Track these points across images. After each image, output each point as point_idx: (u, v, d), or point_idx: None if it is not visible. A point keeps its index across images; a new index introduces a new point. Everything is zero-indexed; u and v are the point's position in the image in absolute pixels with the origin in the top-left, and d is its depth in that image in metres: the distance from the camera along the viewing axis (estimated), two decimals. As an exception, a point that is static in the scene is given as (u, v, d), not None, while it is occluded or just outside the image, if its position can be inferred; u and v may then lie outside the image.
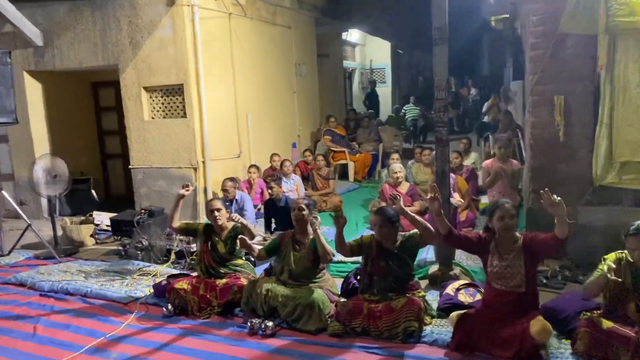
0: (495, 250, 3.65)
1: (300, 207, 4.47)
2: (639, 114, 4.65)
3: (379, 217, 4.04)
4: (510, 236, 3.62)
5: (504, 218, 3.60)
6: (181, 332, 4.21)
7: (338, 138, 10.51)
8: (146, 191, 7.86)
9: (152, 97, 7.77)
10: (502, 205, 3.64)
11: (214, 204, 4.83)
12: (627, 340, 3.19)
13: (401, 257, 4.05)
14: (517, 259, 3.57)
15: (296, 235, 4.53)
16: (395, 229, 4.06)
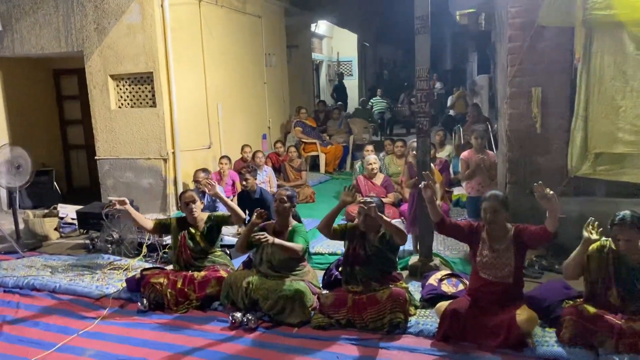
0: (486, 240, 3.65)
1: (282, 198, 4.37)
2: (613, 106, 4.73)
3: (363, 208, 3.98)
4: (499, 228, 3.61)
5: (486, 213, 3.60)
6: (159, 327, 4.07)
7: (309, 130, 10.42)
8: (113, 183, 7.60)
9: (119, 86, 7.50)
10: (485, 200, 3.64)
11: (188, 196, 4.67)
12: (611, 327, 3.24)
13: (382, 249, 4.01)
14: (507, 250, 3.58)
15: (276, 226, 4.43)
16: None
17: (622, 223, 3.30)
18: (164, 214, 7.24)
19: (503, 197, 3.65)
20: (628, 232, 3.28)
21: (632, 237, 3.28)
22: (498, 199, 3.61)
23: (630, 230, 3.27)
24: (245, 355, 3.60)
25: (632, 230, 3.28)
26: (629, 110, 4.70)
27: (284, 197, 4.36)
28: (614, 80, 4.71)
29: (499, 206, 3.58)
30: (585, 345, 3.30)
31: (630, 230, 3.27)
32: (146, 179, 7.47)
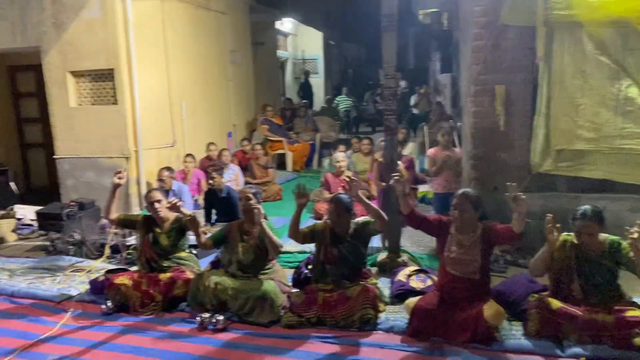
0: (455, 236, 3.68)
1: (247, 196, 4.32)
2: (574, 104, 4.86)
3: (336, 205, 3.98)
4: (467, 225, 3.65)
5: (455, 209, 3.64)
6: (124, 330, 3.97)
7: (275, 127, 10.37)
8: (73, 183, 7.37)
9: (79, 83, 7.28)
10: (456, 197, 3.68)
11: (153, 195, 4.56)
12: (575, 320, 3.32)
13: (354, 245, 4.02)
14: (475, 247, 3.62)
15: (244, 225, 4.37)
16: (350, 216, 4.02)
17: (583, 217, 3.39)
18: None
19: (474, 195, 3.69)
20: (589, 226, 3.38)
21: (593, 230, 3.38)
22: (468, 196, 3.64)
23: (592, 224, 3.37)
24: (214, 356, 3.54)
25: (594, 223, 3.37)
26: (588, 108, 4.83)
27: (249, 195, 4.31)
28: (574, 79, 4.84)
29: (468, 203, 3.61)
30: (551, 337, 3.37)
31: (592, 223, 3.37)
32: (108, 178, 7.19)
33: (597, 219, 3.40)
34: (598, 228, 3.40)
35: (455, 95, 12.20)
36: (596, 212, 3.42)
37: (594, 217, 3.39)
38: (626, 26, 4.61)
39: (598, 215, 3.41)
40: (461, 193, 3.69)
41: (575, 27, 4.77)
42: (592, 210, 3.41)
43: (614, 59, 4.70)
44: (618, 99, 4.73)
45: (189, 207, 6.57)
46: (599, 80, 4.75)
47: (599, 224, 3.40)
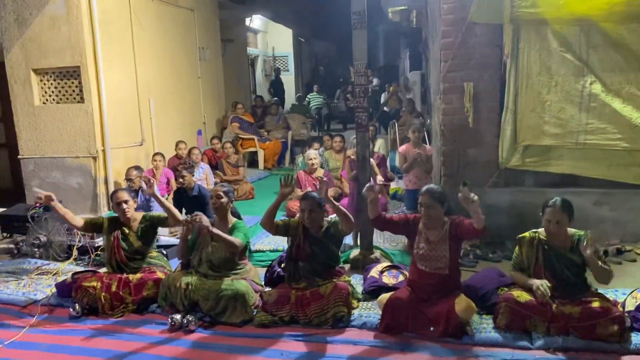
0: (423, 233, 3.71)
1: (218, 194, 4.27)
2: (540, 100, 4.96)
3: (308, 202, 3.97)
4: (434, 221, 3.68)
5: (421, 207, 3.67)
6: (93, 333, 3.87)
7: (246, 125, 10.29)
8: (39, 183, 7.17)
9: (43, 81, 7.09)
10: (421, 195, 3.69)
11: (120, 195, 4.46)
12: (544, 313, 3.38)
13: (325, 244, 4.01)
14: (443, 242, 3.65)
15: (215, 224, 4.32)
16: (322, 213, 4.01)
17: (553, 205, 3.48)
18: (94, 214, 6.93)
19: (438, 191, 3.69)
20: (559, 214, 3.45)
21: (562, 219, 3.45)
22: (433, 194, 3.65)
23: (561, 213, 3.44)
24: (186, 357, 3.49)
25: (563, 213, 3.44)
26: (553, 104, 4.94)
27: (220, 193, 4.26)
28: (540, 76, 4.94)
29: (433, 201, 3.62)
30: (520, 329, 3.43)
31: (561, 212, 3.44)
32: (75, 178, 7.12)
33: (567, 209, 3.47)
34: (567, 219, 3.46)
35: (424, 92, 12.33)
36: (567, 202, 3.50)
37: (563, 206, 3.47)
38: (589, 24, 4.73)
39: (568, 206, 3.48)
40: (425, 190, 3.70)
41: (540, 25, 4.87)
42: (562, 200, 3.50)
43: (578, 56, 4.82)
44: (582, 96, 4.85)
45: (158, 207, 6.46)
46: (564, 77, 4.87)
47: (568, 215, 3.46)
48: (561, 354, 3.23)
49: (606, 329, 3.23)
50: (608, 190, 5.01)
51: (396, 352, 3.38)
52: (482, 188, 5.22)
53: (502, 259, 4.86)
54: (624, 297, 3.66)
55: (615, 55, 4.75)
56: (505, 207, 5.22)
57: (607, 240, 4.93)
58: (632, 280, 4.15)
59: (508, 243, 5.06)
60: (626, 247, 4.82)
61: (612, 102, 4.77)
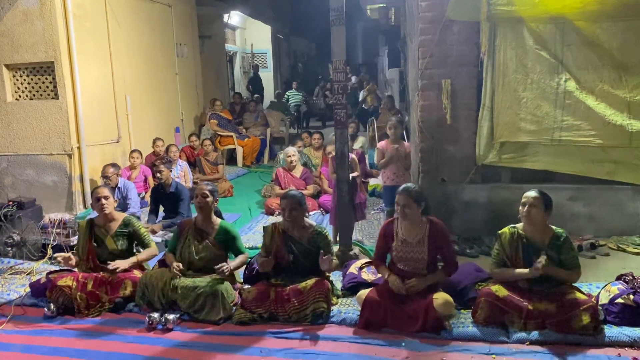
0: (400, 235, 3.73)
1: (204, 193, 4.21)
2: (516, 98, 5.01)
3: (288, 201, 3.94)
4: (411, 221, 3.69)
5: (398, 206, 3.69)
6: (69, 333, 3.81)
7: (225, 122, 10.21)
8: (12, 181, 7.04)
9: (15, 76, 6.94)
10: (398, 194, 3.71)
11: (100, 191, 4.38)
12: (520, 308, 3.43)
13: (308, 250, 3.97)
14: (421, 244, 3.66)
15: (198, 224, 4.26)
16: (303, 211, 4.00)
17: (529, 191, 3.56)
18: (69, 212, 6.82)
19: (415, 190, 3.69)
20: (534, 199, 3.50)
21: (536, 204, 3.50)
22: (409, 193, 3.66)
23: (536, 198, 3.50)
24: (165, 356, 3.44)
25: (539, 199, 3.50)
26: (529, 102, 4.99)
27: (206, 192, 4.21)
28: (516, 73, 4.99)
29: (409, 200, 3.64)
30: (498, 324, 3.47)
31: (537, 198, 3.50)
32: (49, 176, 6.99)
33: (544, 197, 3.52)
34: (542, 207, 3.50)
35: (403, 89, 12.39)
36: (543, 192, 3.55)
37: (541, 193, 3.52)
38: (564, 22, 4.80)
39: (545, 196, 3.53)
40: (402, 189, 3.71)
41: (516, 23, 4.92)
42: (538, 190, 3.57)
43: (553, 53, 4.88)
44: (557, 93, 4.91)
45: (136, 205, 6.40)
46: (540, 75, 4.93)
47: (544, 203, 3.51)
48: (538, 347, 3.27)
49: (580, 321, 3.28)
50: (582, 186, 5.10)
51: (375, 348, 3.39)
52: (460, 184, 5.28)
53: (480, 254, 4.90)
54: (597, 290, 3.73)
55: (589, 53, 4.82)
56: (483, 202, 5.28)
57: (581, 235, 5.01)
58: (605, 274, 4.23)
59: (485, 238, 5.12)
60: (599, 242, 4.91)
61: (586, 100, 4.84)
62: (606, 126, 4.79)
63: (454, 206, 5.31)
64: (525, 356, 3.20)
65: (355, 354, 3.33)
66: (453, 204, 5.30)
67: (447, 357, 3.24)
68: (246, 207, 7.16)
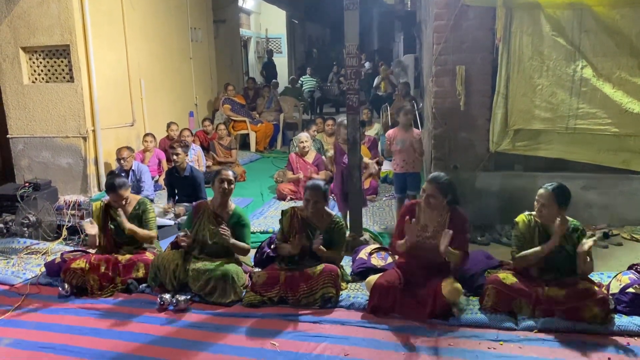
0: (421, 221, 3.72)
1: (230, 180, 4.20)
2: (531, 85, 4.95)
3: (314, 193, 3.96)
4: (435, 211, 3.68)
5: (423, 192, 3.68)
6: (82, 312, 3.89)
7: (238, 107, 10.22)
8: (28, 163, 7.14)
9: (32, 59, 7.00)
10: (427, 182, 3.69)
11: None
12: (529, 295, 3.42)
13: (325, 238, 3.98)
14: (441, 231, 3.64)
15: (215, 208, 4.28)
16: (327, 202, 4.04)
17: (544, 188, 3.52)
18: (84, 195, 6.90)
19: (444, 182, 3.64)
20: (546, 198, 3.47)
21: (548, 204, 3.47)
22: (438, 184, 3.63)
23: (548, 197, 3.46)
24: (176, 336, 3.51)
25: (551, 198, 3.46)
26: (545, 89, 4.93)
27: (232, 179, 4.22)
28: (532, 60, 4.92)
29: (435, 191, 3.62)
30: (506, 311, 3.47)
31: (550, 197, 3.46)
32: (64, 158, 7.08)
33: (558, 196, 3.47)
34: (555, 205, 3.46)
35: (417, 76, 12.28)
36: (559, 190, 3.48)
37: (554, 191, 3.47)
38: (582, 8, 4.71)
39: (559, 194, 3.47)
40: (431, 178, 3.69)
41: (533, 9, 4.85)
42: (557, 186, 3.50)
43: (570, 40, 4.80)
44: (574, 80, 4.84)
45: (149, 188, 6.47)
46: (556, 62, 4.85)
47: (557, 202, 3.46)
48: (546, 334, 3.27)
49: (590, 311, 3.27)
50: (596, 174, 5.05)
51: (383, 332, 3.41)
52: (473, 171, 5.25)
53: (491, 241, 4.90)
54: (609, 280, 3.71)
55: (607, 40, 4.73)
56: (495, 190, 5.25)
57: (595, 225, 4.98)
58: (617, 264, 4.20)
59: (497, 226, 5.10)
60: (613, 231, 4.88)
61: (602, 87, 4.77)
62: (623, 114, 4.72)
63: (466, 194, 5.27)
64: (534, 344, 3.21)
65: (362, 337, 3.36)
66: (465, 191, 5.26)
67: (455, 343, 3.26)
68: (258, 192, 7.20)
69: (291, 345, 3.30)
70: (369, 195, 6.27)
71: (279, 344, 3.32)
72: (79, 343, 3.44)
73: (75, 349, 3.37)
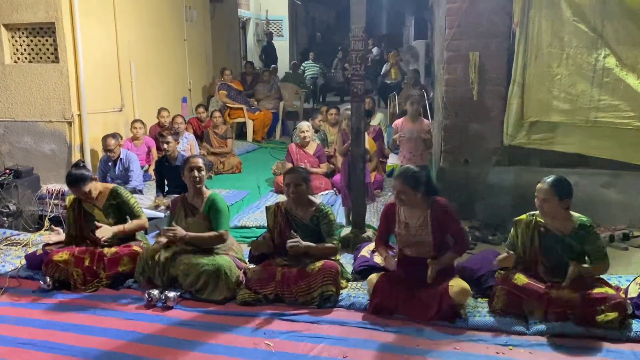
0: (401, 218, 3.77)
1: (199, 167, 4.25)
2: (550, 74, 4.96)
3: (292, 176, 4.00)
4: (408, 206, 3.72)
5: (393, 189, 3.74)
6: (64, 307, 3.94)
7: (235, 93, 10.24)
8: (9, 148, 7.17)
9: (14, 37, 7.02)
10: (394, 177, 3.77)
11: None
12: (541, 297, 3.45)
13: (312, 230, 4.03)
14: (424, 226, 3.69)
15: (188, 198, 4.33)
16: (308, 187, 4.05)
17: (542, 182, 3.54)
18: (69, 183, 6.93)
19: (412, 175, 3.66)
20: (545, 192, 3.48)
21: (548, 198, 3.48)
22: (405, 179, 3.65)
23: (547, 191, 3.47)
24: (164, 334, 3.54)
25: (550, 191, 3.46)
26: (564, 79, 4.94)
27: (202, 165, 4.27)
28: (551, 47, 4.93)
29: (403, 187, 3.63)
30: (516, 314, 3.50)
31: (549, 190, 3.47)
32: (48, 144, 7.10)
33: (557, 188, 3.46)
34: (556, 199, 3.47)
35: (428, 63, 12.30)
36: (558, 182, 3.49)
37: (553, 184, 3.47)
38: (606, -9, 4.71)
39: (559, 186, 3.47)
40: (398, 174, 3.74)
41: (553, -8, 4.85)
42: (555, 179, 3.51)
43: (592, 26, 4.80)
44: (595, 70, 4.85)
45: (138, 178, 6.49)
46: (576, 49, 4.86)
47: (558, 195, 3.46)
48: (558, 340, 3.30)
49: (606, 315, 3.29)
50: (617, 171, 5.05)
51: (385, 334, 3.45)
52: (485, 166, 5.27)
53: (502, 241, 4.91)
54: (627, 283, 3.73)
55: (633, 27, 4.72)
56: (509, 187, 5.27)
57: (614, 225, 4.99)
58: (637, 267, 4.23)
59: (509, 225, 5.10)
60: (634, 233, 4.89)
61: (626, 78, 4.77)
62: (647, 107, 4.73)
63: (477, 189, 5.31)
64: (545, 349, 3.24)
65: (363, 339, 3.39)
66: (476, 187, 5.30)
67: (461, 347, 3.29)
68: (255, 185, 7.23)
69: (287, 346, 3.33)
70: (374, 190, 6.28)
71: (273, 344, 3.35)
72: (61, 339, 3.48)
73: (57, 345, 3.41)
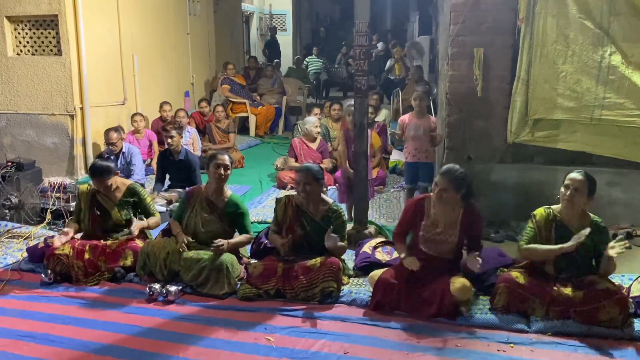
0: (432, 216, 3.75)
1: (226, 165, 4.23)
2: (554, 71, 4.95)
3: (303, 174, 4.00)
4: (447, 206, 3.70)
5: (436, 186, 3.69)
6: (65, 300, 3.95)
7: (237, 88, 10.23)
8: (11, 141, 7.20)
9: (17, 29, 7.04)
10: (439, 174, 3.69)
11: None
12: (544, 294, 3.46)
13: (321, 227, 4.02)
14: (453, 227, 3.69)
15: (208, 194, 4.33)
16: (320, 186, 4.06)
17: (578, 172, 3.56)
18: (71, 177, 6.96)
19: (459, 175, 3.63)
20: (580, 182, 3.49)
21: (581, 188, 3.49)
22: (452, 177, 3.62)
23: (582, 181, 3.49)
24: (165, 328, 3.56)
25: (585, 182, 3.49)
26: (569, 76, 4.93)
27: (228, 164, 4.26)
28: (556, 44, 4.91)
29: (449, 185, 3.61)
30: (518, 312, 3.50)
31: (584, 181, 3.49)
32: (50, 137, 7.13)
33: (589, 183, 3.51)
34: (586, 191, 3.49)
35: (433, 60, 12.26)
36: (590, 176, 3.55)
37: (586, 179, 3.51)
38: (613, -12, 4.69)
39: (591, 180, 3.52)
40: (445, 170, 3.68)
41: (559, -12, 4.83)
42: (586, 173, 3.55)
43: (598, 24, 4.78)
44: (601, 67, 4.84)
45: (140, 172, 6.51)
46: (582, 46, 4.84)
47: (589, 187, 3.50)
48: (560, 338, 3.30)
49: (608, 313, 3.30)
50: (622, 170, 5.05)
51: (386, 331, 3.45)
52: (488, 163, 5.26)
53: (505, 239, 4.92)
54: (630, 282, 3.73)
55: (639, 24, 4.71)
56: (512, 184, 5.26)
57: (618, 223, 4.99)
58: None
59: (512, 222, 5.12)
60: (637, 232, 4.89)
61: (632, 76, 4.75)
62: (653, 106, 4.72)
63: (480, 187, 5.27)
64: (546, 347, 3.24)
65: (363, 335, 3.40)
66: (479, 184, 5.26)
67: (463, 344, 3.29)
68: (257, 180, 7.24)
69: (287, 342, 3.34)
70: (376, 186, 6.29)
71: (274, 339, 3.36)
72: (61, 333, 3.49)
73: (57, 338, 3.42)
